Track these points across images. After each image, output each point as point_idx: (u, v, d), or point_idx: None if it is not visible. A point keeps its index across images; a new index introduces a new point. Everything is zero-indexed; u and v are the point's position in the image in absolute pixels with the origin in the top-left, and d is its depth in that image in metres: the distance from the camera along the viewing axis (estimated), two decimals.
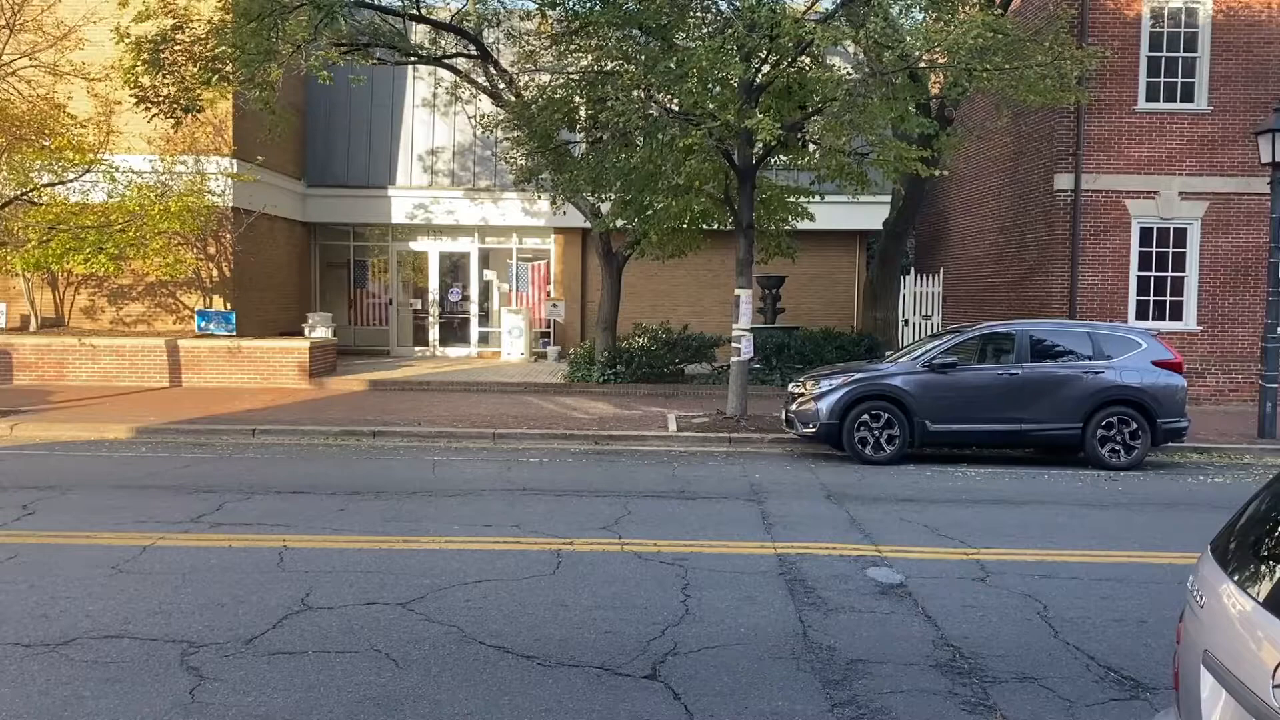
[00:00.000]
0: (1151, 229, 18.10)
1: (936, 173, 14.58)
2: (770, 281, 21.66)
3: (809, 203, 18.09)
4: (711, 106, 12.78)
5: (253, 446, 12.75)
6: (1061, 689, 5.05)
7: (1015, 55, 13.54)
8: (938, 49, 13.22)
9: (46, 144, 16.83)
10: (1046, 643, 5.73)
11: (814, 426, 12.48)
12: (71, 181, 16.39)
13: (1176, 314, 18.16)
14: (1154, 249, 18.12)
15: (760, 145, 14.18)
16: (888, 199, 22.96)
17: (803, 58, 13.44)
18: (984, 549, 7.85)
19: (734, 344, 14.61)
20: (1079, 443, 12.35)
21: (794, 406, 12.86)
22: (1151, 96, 17.99)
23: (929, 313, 23.35)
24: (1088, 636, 5.84)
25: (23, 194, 15.50)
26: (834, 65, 14.53)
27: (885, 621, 6.03)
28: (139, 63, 14.56)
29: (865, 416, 12.28)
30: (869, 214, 23.46)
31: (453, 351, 25.67)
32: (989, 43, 12.61)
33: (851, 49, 14.33)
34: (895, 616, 6.13)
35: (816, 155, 15.03)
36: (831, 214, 21.29)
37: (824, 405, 12.41)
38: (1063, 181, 18.10)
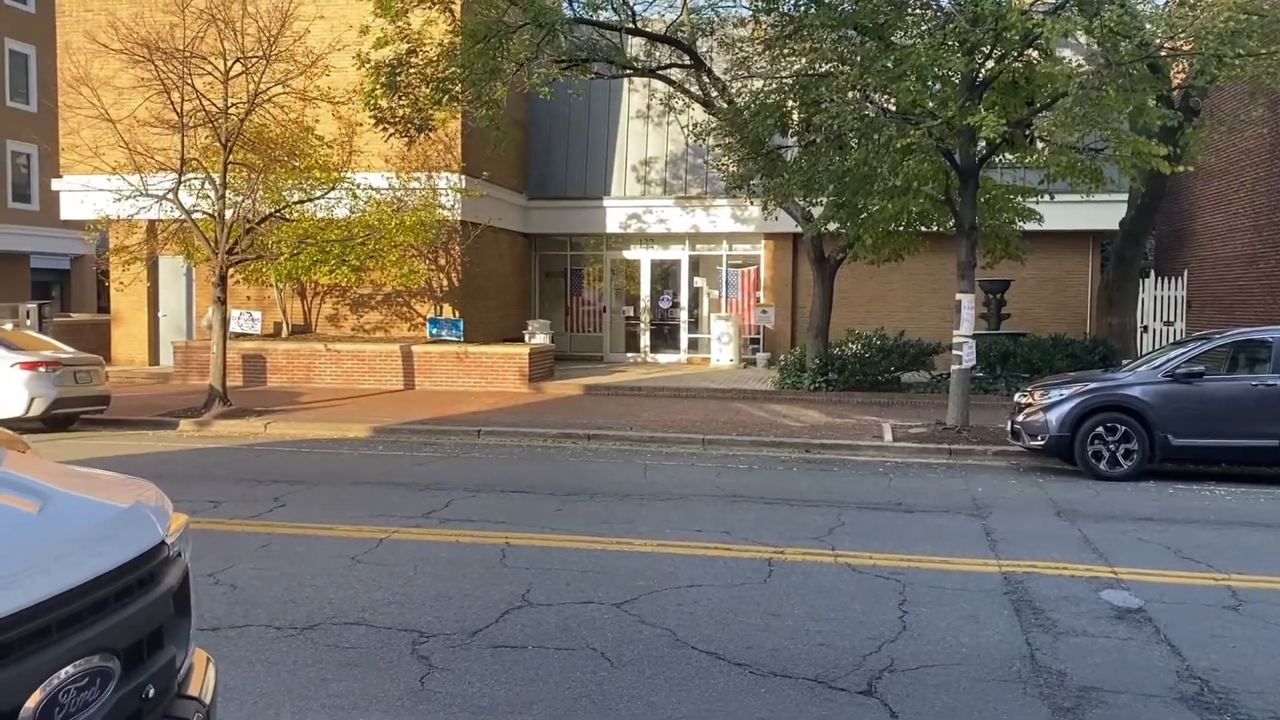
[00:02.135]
0: None
1: (1182, 169, 13.54)
2: (994, 286, 20.75)
3: (1037, 202, 17.21)
4: (931, 104, 12.38)
5: (478, 447, 13.36)
6: None
7: (1273, 39, 12.37)
8: (1182, 35, 12.28)
9: (297, 164, 18.32)
10: None
11: (1042, 439, 11.83)
12: (318, 199, 17.78)
13: None
14: None
15: (984, 143, 13.59)
16: (1124, 197, 21.50)
17: (1030, 50, 12.81)
18: (1235, 574, 7.19)
19: (954, 351, 14.06)
20: None
21: (1020, 417, 12.23)
22: None
23: (1171, 318, 21.78)
24: None
25: (276, 211, 16.90)
26: (1064, 57, 13.75)
27: (1122, 648, 5.63)
28: (378, 85, 15.62)
29: (1100, 429, 11.51)
30: (1103, 213, 22.05)
31: (663, 357, 26.03)
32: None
33: (1084, 39, 13.53)
34: (1133, 643, 5.71)
35: (1045, 152, 14.27)
36: (1061, 214, 20.16)
37: (1054, 416, 11.74)
38: None
